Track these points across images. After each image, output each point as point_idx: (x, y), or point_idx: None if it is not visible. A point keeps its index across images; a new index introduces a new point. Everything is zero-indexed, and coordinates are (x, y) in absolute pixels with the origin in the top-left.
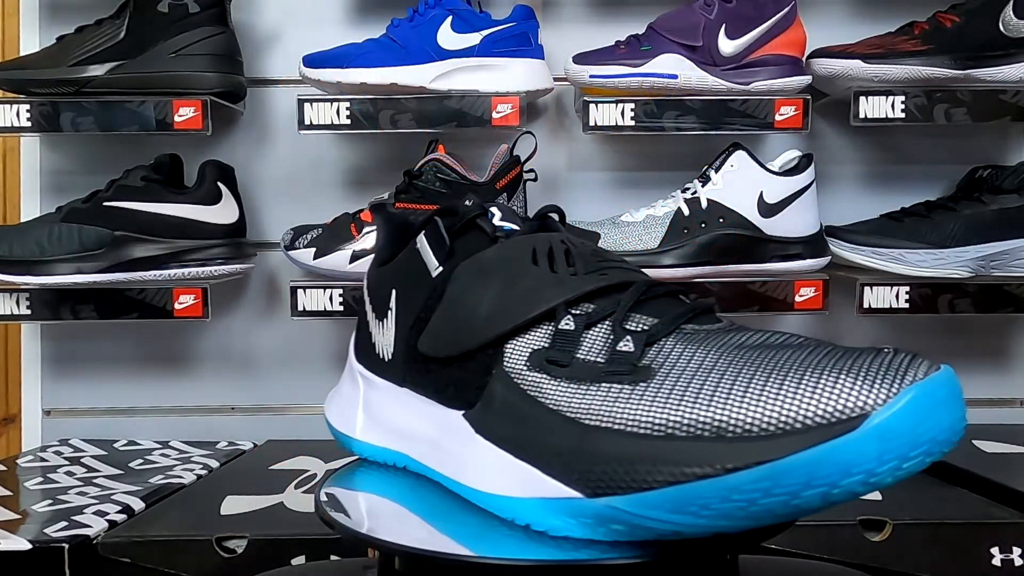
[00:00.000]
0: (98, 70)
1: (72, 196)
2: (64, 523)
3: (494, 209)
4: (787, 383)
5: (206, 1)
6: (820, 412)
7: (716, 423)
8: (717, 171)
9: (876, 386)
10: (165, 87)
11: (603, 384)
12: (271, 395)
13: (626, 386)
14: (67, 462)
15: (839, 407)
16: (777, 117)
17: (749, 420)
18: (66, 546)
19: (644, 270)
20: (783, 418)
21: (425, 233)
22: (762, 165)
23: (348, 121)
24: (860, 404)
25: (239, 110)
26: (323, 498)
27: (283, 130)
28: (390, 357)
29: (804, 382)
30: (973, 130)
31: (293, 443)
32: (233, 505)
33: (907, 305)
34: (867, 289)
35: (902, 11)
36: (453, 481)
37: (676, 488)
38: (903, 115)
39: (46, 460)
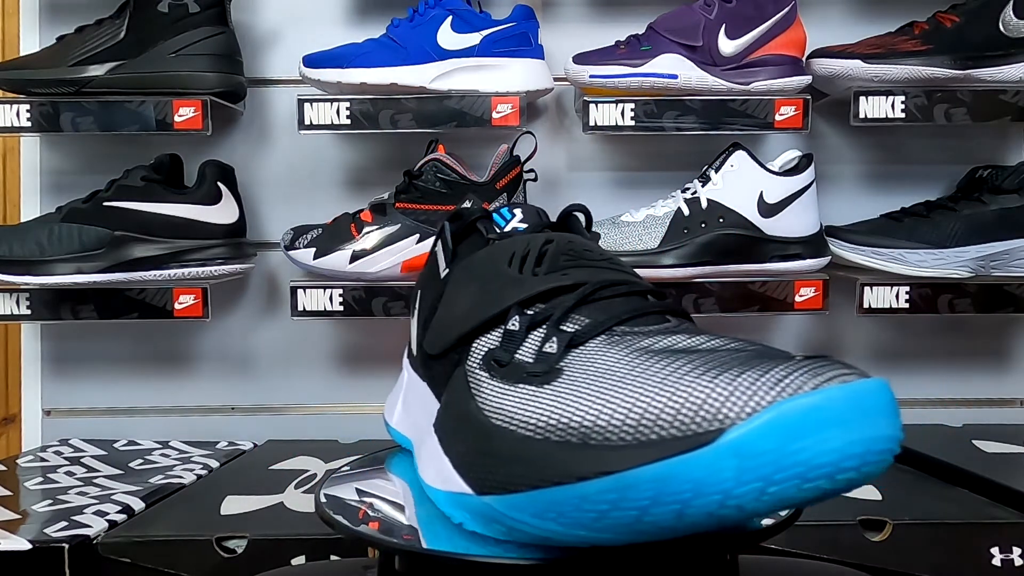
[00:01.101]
0: (98, 70)
1: (72, 196)
2: (64, 523)
3: (517, 211)
4: (662, 391)
5: (206, 1)
6: (678, 423)
7: (584, 429)
8: (717, 171)
9: (744, 397)
10: (165, 87)
11: (519, 384)
12: (271, 395)
13: (534, 387)
14: (67, 462)
15: (697, 419)
16: (777, 117)
17: (612, 428)
18: (66, 546)
19: (644, 270)
20: (641, 428)
21: (438, 237)
22: (762, 165)
23: (348, 121)
24: (720, 416)
25: (239, 110)
26: (323, 498)
27: (283, 130)
28: (415, 353)
29: (678, 391)
30: (973, 130)
31: (293, 443)
32: (233, 505)
33: (907, 305)
34: (867, 289)
35: (902, 11)
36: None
37: (536, 492)
38: (903, 115)
39: (46, 460)
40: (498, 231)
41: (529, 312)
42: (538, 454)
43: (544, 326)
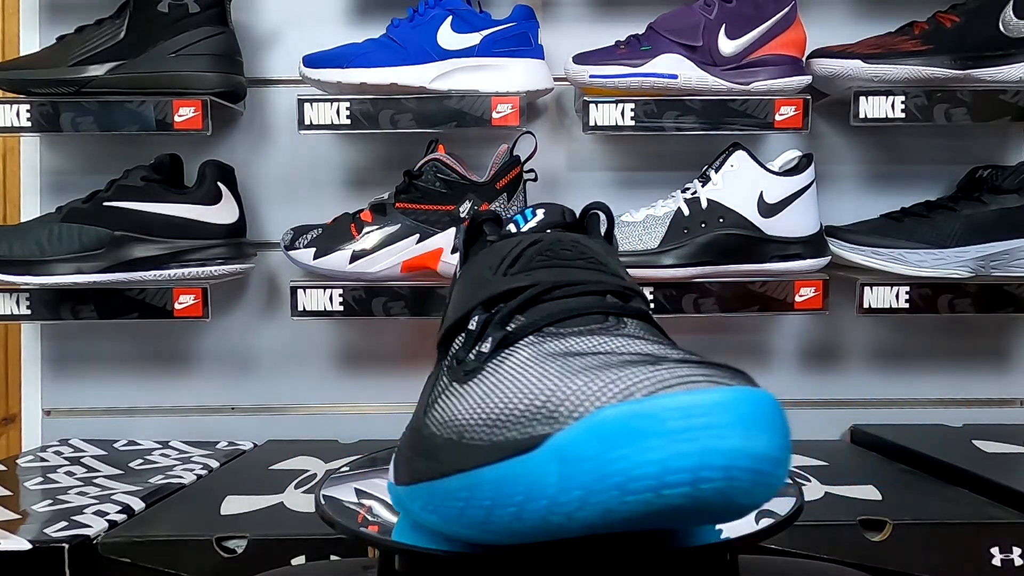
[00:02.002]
0: (98, 70)
1: (72, 196)
2: (64, 523)
3: (540, 211)
4: (524, 392)
5: (206, 1)
6: (521, 425)
7: (463, 427)
8: (717, 171)
9: (577, 401)
10: (165, 87)
11: (454, 383)
12: (271, 395)
13: (460, 385)
14: (67, 462)
15: (534, 421)
16: (777, 117)
17: (479, 427)
18: (66, 546)
19: (644, 270)
20: (496, 427)
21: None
22: (762, 165)
23: (348, 121)
24: (551, 420)
25: (239, 110)
26: (323, 498)
27: (283, 130)
28: None
29: (535, 393)
30: (973, 130)
31: (293, 443)
32: (233, 505)
33: (907, 305)
34: (867, 289)
35: (902, 11)
36: None
37: (420, 486)
38: (903, 115)
39: (46, 460)
40: (513, 231)
41: (487, 313)
42: (432, 449)
43: (492, 326)
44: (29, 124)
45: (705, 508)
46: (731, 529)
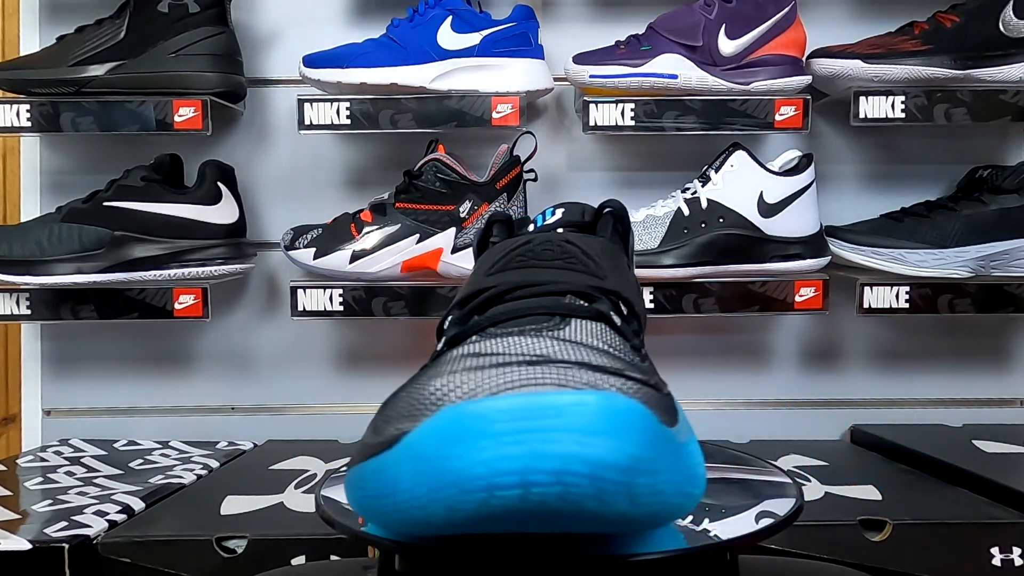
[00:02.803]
0: (98, 70)
1: (72, 196)
2: (64, 523)
3: (559, 210)
4: (416, 390)
5: (206, 1)
6: (400, 421)
7: (381, 423)
8: (717, 171)
9: (437, 400)
10: (165, 87)
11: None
12: (271, 395)
13: (410, 382)
14: (67, 462)
15: (404, 419)
16: (777, 117)
17: (383, 423)
18: (66, 546)
19: (644, 270)
20: (389, 423)
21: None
22: (762, 165)
23: (348, 121)
24: (413, 418)
25: (239, 110)
26: (323, 498)
27: (283, 130)
28: None
29: (421, 391)
30: (973, 130)
31: (293, 443)
32: (233, 505)
33: (907, 305)
34: (867, 289)
35: (902, 11)
36: None
37: (343, 473)
38: (903, 115)
39: (46, 460)
40: (531, 229)
41: (463, 312)
42: (360, 443)
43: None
44: (29, 124)
45: (556, 512)
46: (731, 529)
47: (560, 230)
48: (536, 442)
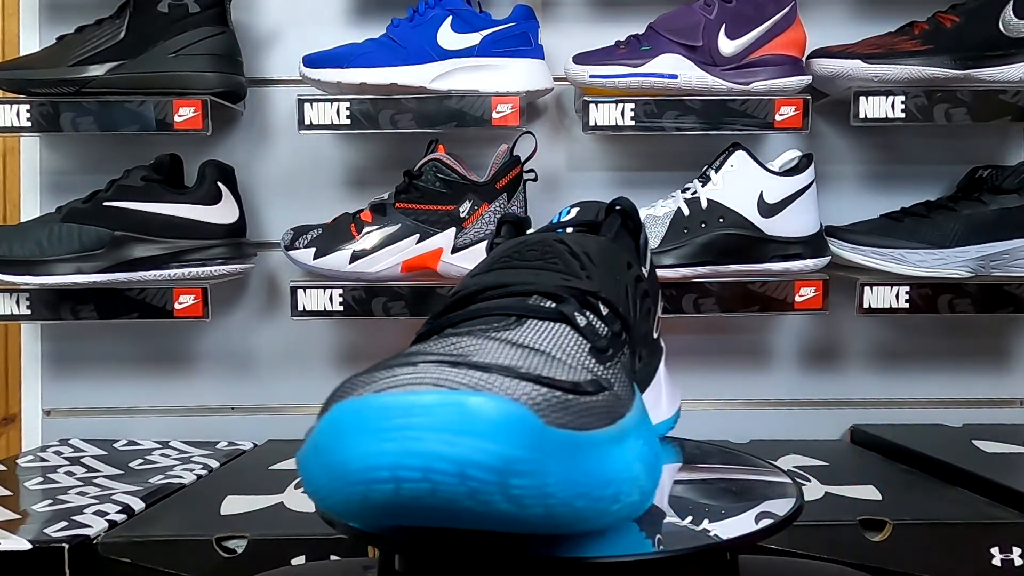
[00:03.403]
0: (98, 70)
1: (72, 196)
2: (64, 523)
3: (574, 210)
4: (346, 388)
5: (206, 1)
6: (319, 415)
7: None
8: (717, 171)
9: (340, 396)
10: (165, 87)
11: None
12: (271, 395)
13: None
14: (67, 462)
15: (322, 412)
16: (777, 117)
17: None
18: (66, 546)
19: None
20: (319, 420)
21: None
22: (762, 165)
23: (348, 121)
24: (325, 411)
25: (239, 110)
26: None
27: (283, 130)
28: None
29: (340, 389)
30: (973, 130)
31: (293, 443)
32: (233, 505)
33: (907, 305)
34: (867, 289)
35: (902, 11)
36: None
37: None
38: (903, 115)
39: (46, 460)
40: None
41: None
42: None
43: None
44: (29, 124)
45: (436, 507)
46: (731, 529)
47: (570, 229)
48: (405, 440)
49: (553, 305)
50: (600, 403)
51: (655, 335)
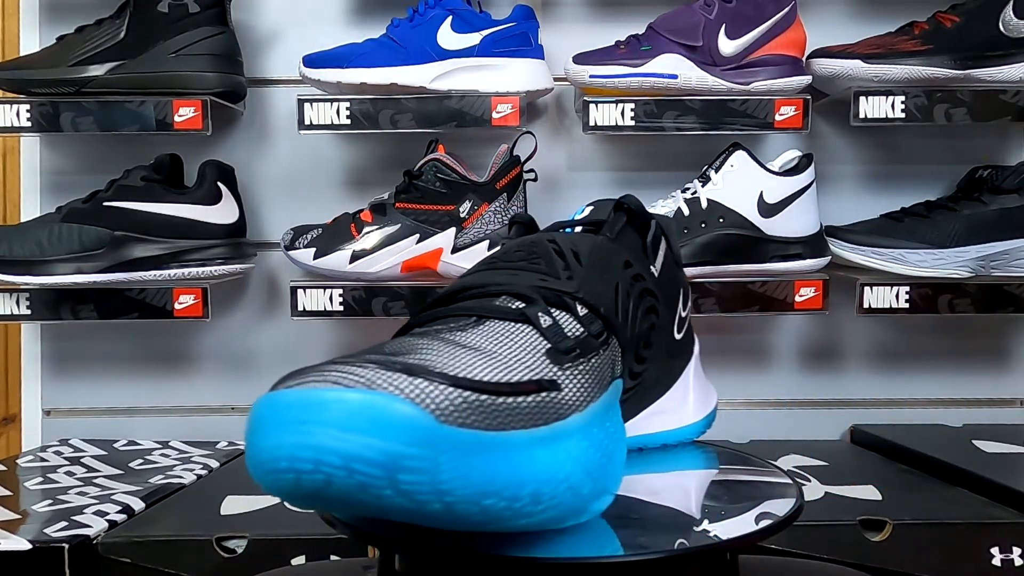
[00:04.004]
0: (98, 70)
1: (72, 196)
2: (64, 523)
3: (588, 208)
4: (306, 378)
5: (206, 1)
6: None
7: None
8: (717, 171)
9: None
10: (165, 87)
11: None
12: None
13: None
14: (67, 462)
15: None
16: (777, 117)
17: None
18: (66, 546)
19: None
20: None
21: None
22: (762, 165)
23: (348, 121)
24: None
25: (239, 110)
26: None
27: (283, 130)
28: None
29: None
30: (973, 130)
31: None
32: (233, 505)
33: (907, 305)
34: (867, 289)
35: (902, 11)
36: None
37: None
38: (903, 115)
39: (46, 460)
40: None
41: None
42: None
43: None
44: (29, 124)
45: (335, 499)
46: (731, 529)
47: (579, 229)
48: (301, 434)
49: (521, 305)
50: (530, 404)
51: (677, 335)
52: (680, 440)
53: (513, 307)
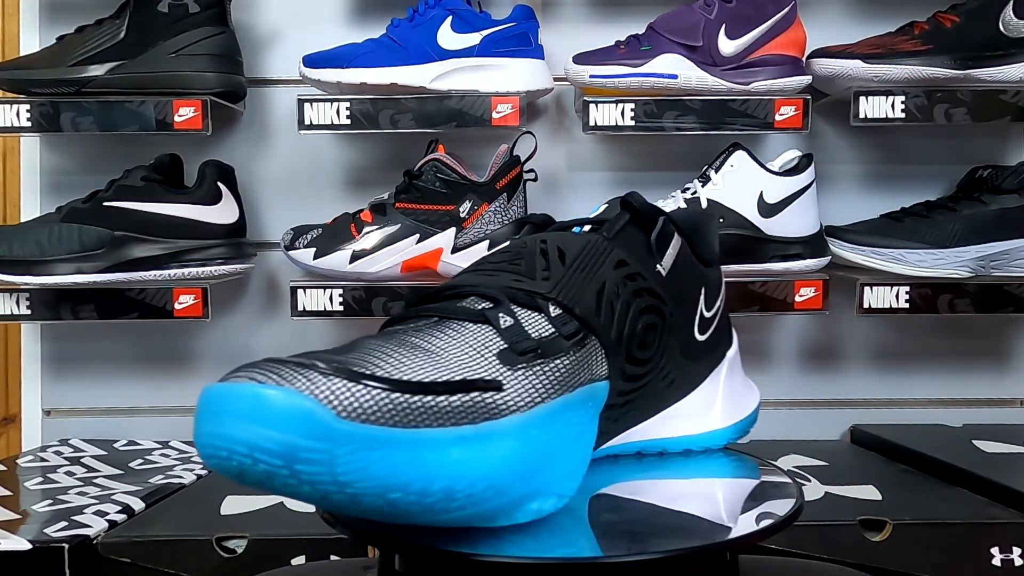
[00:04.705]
0: (98, 70)
1: (72, 196)
2: (64, 523)
3: (603, 206)
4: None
5: (206, 1)
6: None
7: None
8: (717, 171)
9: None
10: (165, 87)
11: None
12: None
13: None
14: (67, 462)
15: None
16: (777, 117)
17: None
18: (66, 546)
19: None
20: None
21: None
22: (762, 165)
23: (348, 121)
24: None
25: (239, 110)
26: None
27: (283, 130)
28: None
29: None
30: (973, 130)
31: None
32: (233, 505)
33: (907, 305)
34: (867, 289)
35: (902, 11)
36: None
37: None
38: (903, 115)
39: (46, 460)
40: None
41: None
42: None
43: None
44: (29, 124)
45: (258, 484)
46: (731, 529)
47: (587, 228)
48: (218, 423)
49: (487, 306)
50: (456, 404)
51: (700, 336)
52: (705, 446)
53: (477, 308)
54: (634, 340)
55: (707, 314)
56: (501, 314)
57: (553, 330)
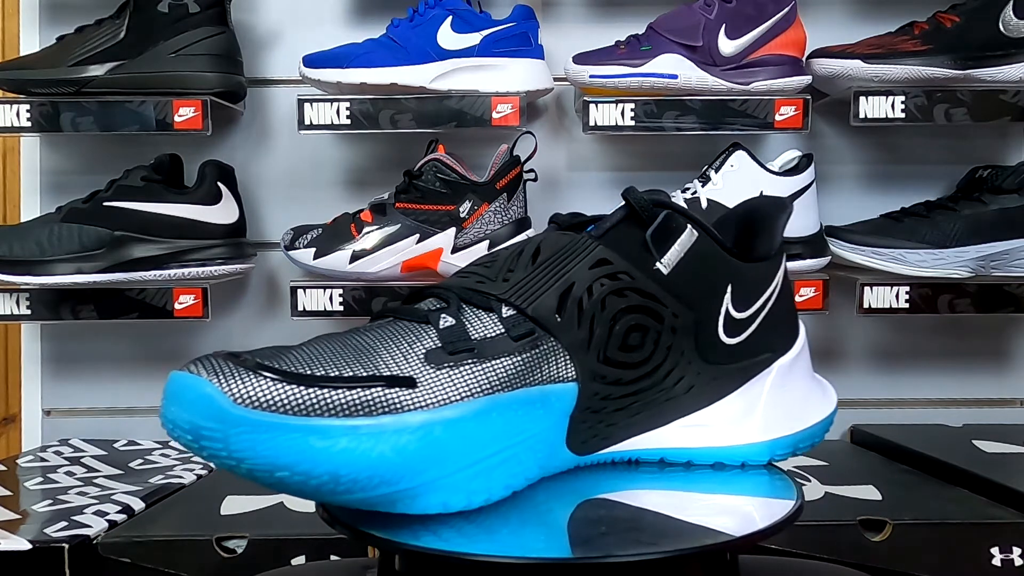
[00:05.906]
0: (98, 70)
1: (72, 196)
2: (64, 523)
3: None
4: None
5: (206, 1)
6: None
7: None
8: (717, 171)
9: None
10: (165, 87)
11: None
12: None
13: None
14: (67, 462)
15: None
16: (777, 117)
17: None
18: (66, 546)
19: None
20: None
21: None
22: (762, 165)
23: (348, 121)
24: None
25: (239, 110)
26: None
27: (283, 130)
28: None
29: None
30: (973, 130)
31: None
32: (233, 505)
33: (907, 305)
34: (867, 289)
35: (902, 11)
36: None
37: None
38: (903, 115)
39: (46, 460)
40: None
41: None
42: None
43: None
44: (29, 124)
45: (194, 453)
46: (731, 529)
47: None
48: (164, 405)
49: (437, 307)
50: (354, 398)
51: (727, 339)
52: (741, 460)
53: (425, 308)
54: (611, 341)
55: (737, 315)
56: (444, 315)
57: (502, 330)
